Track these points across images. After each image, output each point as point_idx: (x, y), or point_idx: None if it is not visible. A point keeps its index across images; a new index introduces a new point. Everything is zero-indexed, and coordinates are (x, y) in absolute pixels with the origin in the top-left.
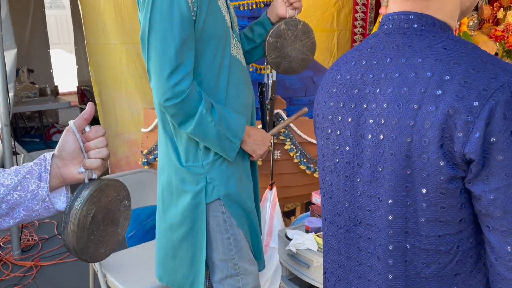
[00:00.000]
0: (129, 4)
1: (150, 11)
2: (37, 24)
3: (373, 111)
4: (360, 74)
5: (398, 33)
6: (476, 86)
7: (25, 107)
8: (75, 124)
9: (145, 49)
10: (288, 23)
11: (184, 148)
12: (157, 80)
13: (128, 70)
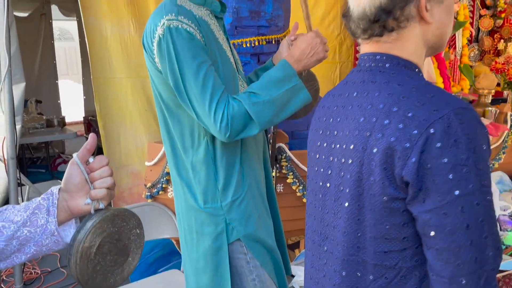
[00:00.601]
0: (135, 40)
1: (173, 59)
2: (46, 56)
3: (339, 137)
4: (335, 105)
5: (366, 71)
6: (418, 117)
7: (32, 138)
8: (78, 156)
9: (184, 96)
10: None
11: (202, 190)
12: (210, 123)
13: (133, 103)
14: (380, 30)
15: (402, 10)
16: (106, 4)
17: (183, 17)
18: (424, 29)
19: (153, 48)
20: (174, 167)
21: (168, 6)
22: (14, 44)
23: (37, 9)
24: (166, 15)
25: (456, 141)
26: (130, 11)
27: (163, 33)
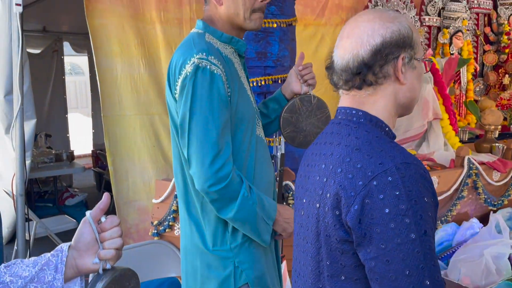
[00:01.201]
0: (145, 78)
1: (190, 98)
2: (57, 91)
3: (309, 181)
4: (312, 152)
5: (337, 123)
6: (365, 169)
7: (41, 173)
8: (91, 215)
9: (185, 135)
10: (302, 99)
11: (212, 232)
12: (199, 166)
13: (141, 139)
14: (360, 83)
15: (381, 67)
16: (117, 44)
17: (213, 57)
18: (397, 88)
19: (176, 83)
20: (184, 204)
21: (198, 43)
22: (26, 83)
23: (49, 46)
24: (197, 54)
25: (397, 194)
26: (140, 51)
27: (191, 71)
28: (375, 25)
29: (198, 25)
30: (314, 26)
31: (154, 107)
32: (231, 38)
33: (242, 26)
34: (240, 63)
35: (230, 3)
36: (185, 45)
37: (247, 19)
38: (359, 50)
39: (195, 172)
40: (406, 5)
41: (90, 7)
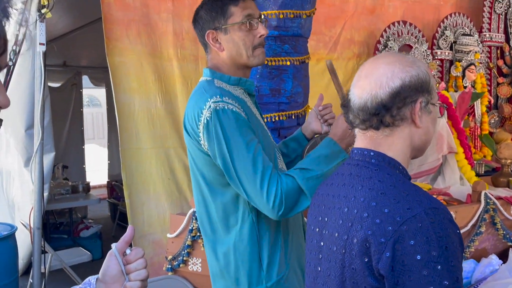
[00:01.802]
0: (161, 112)
1: (223, 140)
2: (75, 123)
3: (328, 224)
4: (327, 193)
5: (354, 164)
6: (393, 214)
7: (57, 205)
8: (117, 248)
9: (233, 177)
10: (323, 138)
11: (247, 272)
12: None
13: (157, 172)
14: (378, 123)
15: (399, 110)
16: (135, 80)
17: (227, 98)
18: (413, 131)
19: (198, 131)
20: (211, 250)
21: (209, 89)
22: (47, 117)
23: (69, 79)
24: (211, 98)
25: (428, 240)
26: (158, 87)
27: (210, 115)
28: (395, 68)
29: (206, 73)
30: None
31: (170, 141)
32: (239, 79)
33: (247, 65)
34: (251, 101)
35: (231, 46)
36: (197, 94)
37: (250, 57)
38: (378, 92)
39: (261, 208)
40: (418, 39)
41: (111, 45)
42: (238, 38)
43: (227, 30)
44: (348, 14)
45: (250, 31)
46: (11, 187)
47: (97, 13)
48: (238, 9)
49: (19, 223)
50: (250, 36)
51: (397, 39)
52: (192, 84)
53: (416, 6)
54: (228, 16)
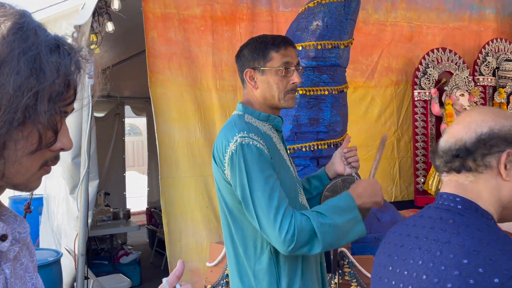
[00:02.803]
0: (200, 141)
1: (245, 172)
2: (116, 151)
3: (410, 265)
4: (408, 233)
5: (444, 209)
6: (500, 266)
7: (99, 231)
8: (168, 282)
9: (250, 209)
10: (345, 180)
11: None
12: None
13: (195, 200)
14: (459, 166)
15: (483, 156)
16: (176, 111)
17: (253, 134)
18: (500, 183)
19: (224, 162)
20: (236, 273)
21: (238, 124)
22: (92, 146)
23: (112, 109)
24: (239, 133)
25: None
26: (197, 116)
27: (235, 148)
28: (487, 117)
29: (238, 107)
30: (363, 89)
31: (208, 169)
32: (268, 116)
33: (277, 106)
34: (278, 137)
35: (265, 87)
36: (227, 127)
37: (281, 100)
38: (464, 135)
39: (272, 241)
40: (458, 66)
41: (153, 78)
42: (273, 81)
43: (264, 72)
44: (385, 42)
45: (285, 77)
46: (56, 214)
47: (140, 46)
48: (278, 56)
49: (64, 249)
50: (284, 81)
51: (436, 66)
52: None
53: (455, 32)
54: (268, 60)
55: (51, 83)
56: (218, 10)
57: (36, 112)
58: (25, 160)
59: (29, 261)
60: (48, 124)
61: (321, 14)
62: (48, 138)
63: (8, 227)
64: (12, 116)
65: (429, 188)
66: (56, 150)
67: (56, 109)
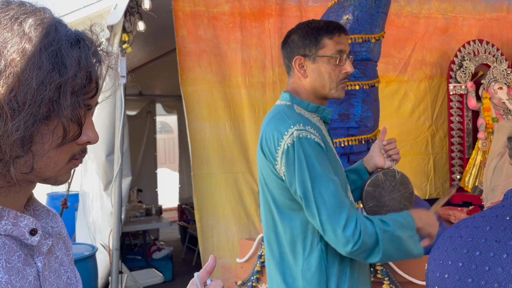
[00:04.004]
0: (230, 138)
1: (306, 168)
2: (148, 148)
3: (498, 275)
4: (483, 238)
5: None
6: None
7: (132, 227)
8: (198, 277)
9: (311, 206)
10: (386, 174)
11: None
12: (336, 234)
13: (226, 197)
14: None
15: None
16: (206, 108)
17: (309, 127)
18: None
19: (276, 156)
20: (278, 273)
21: (291, 115)
22: (125, 144)
23: (144, 108)
24: (294, 125)
25: None
26: (227, 114)
27: (292, 142)
28: None
29: (284, 97)
30: (396, 83)
31: (238, 166)
32: (317, 107)
33: (326, 96)
34: (326, 129)
35: (316, 76)
36: (278, 118)
37: (332, 90)
38: None
39: (333, 240)
40: (496, 58)
41: (184, 76)
42: (325, 70)
43: (316, 60)
44: (418, 35)
45: (337, 66)
46: (91, 210)
47: (171, 45)
48: (331, 43)
49: (99, 244)
50: (336, 70)
51: (473, 59)
52: (259, 110)
53: (493, 23)
54: (321, 47)
55: (72, 76)
56: (246, 7)
57: (59, 105)
58: (53, 154)
59: (64, 255)
60: (72, 117)
61: (351, 7)
62: (73, 131)
63: (39, 222)
64: (37, 109)
65: (466, 185)
66: (83, 144)
67: (79, 102)
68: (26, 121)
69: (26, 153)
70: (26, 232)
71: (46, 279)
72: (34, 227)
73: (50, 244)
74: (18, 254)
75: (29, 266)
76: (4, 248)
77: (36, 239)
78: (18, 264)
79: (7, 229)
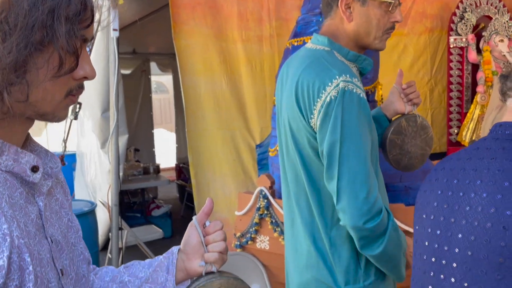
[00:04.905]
0: (226, 94)
1: (340, 126)
2: (144, 108)
3: (470, 199)
4: (462, 168)
5: (506, 139)
6: None
7: (131, 185)
8: (197, 219)
9: (334, 167)
10: (408, 119)
11: (344, 268)
12: (353, 202)
13: (223, 153)
14: None
15: None
16: (201, 63)
17: (356, 80)
18: None
19: (314, 108)
20: (309, 237)
21: (334, 63)
22: (121, 101)
23: (138, 66)
24: (340, 76)
25: None
26: (223, 68)
27: (336, 95)
28: None
29: (321, 41)
30: (396, 36)
31: (235, 123)
32: (358, 56)
33: (368, 46)
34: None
35: (363, 21)
36: (318, 65)
37: (376, 39)
38: None
39: (347, 208)
40: (498, 9)
41: (177, 29)
42: (374, 15)
43: (366, 3)
44: None
45: (388, 13)
46: (89, 169)
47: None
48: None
49: (98, 202)
50: (386, 17)
51: (474, 10)
52: (256, 65)
53: None
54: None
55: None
56: None
57: (54, 31)
58: (49, 86)
59: (64, 199)
60: (68, 47)
61: None
62: (69, 62)
63: (40, 161)
64: (29, 32)
65: (463, 139)
66: (79, 78)
67: (75, 30)
68: (18, 44)
69: (20, 79)
70: (27, 169)
71: (48, 219)
72: (35, 164)
73: (50, 185)
74: (20, 191)
75: (31, 204)
76: (6, 183)
77: (38, 176)
78: (20, 201)
79: (8, 165)
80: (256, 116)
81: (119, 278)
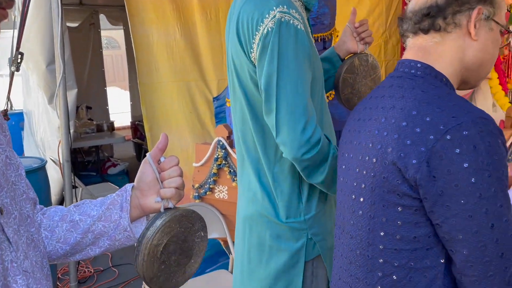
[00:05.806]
0: (181, 44)
1: (277, 59)
2: (95, 64)
3: (361, 135)
4: (365, 106)
5: (398, 76)
6: (436, 123)
7: (84, 143)
8: (151, 155)
9: (271, 100)
10: (361, 58)
11: (285, 203)
12: (291, 134)
13: (178, 106)
14: (428, 25)
15: (453, 14)
16: (152, 11)
17: (294, 11)
18: (467, 43)
19: (253, 42)
20: (255, 173)
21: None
22: (67, 52)
23: (86, 19)
24: (277, 7)
25: (475, 147)
26: (176, 17)
27: (273, 26)
28: None
29: None
30: None
31: (191, 74)
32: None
33: None
34: (306, 18)
35: None
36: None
37: None
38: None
39: (286, 141)
40: None
41: None
42: None
43: None
44: None
45: None
46: (38, 127)
47: None
48: None
49: (49, 159)
50: None
51: None
52: (211, 14)
53: None
54: None
55: None
56: None
57: None
58: None
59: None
60: None
61: None
62: None
63: None
64: None
65: None
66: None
67: None
68: None
69: None
70: None
71: None
72: None
73: None
74: None
75: None
76: None
77: None
78: None
79: None
80: (212, 67)
81: (69, 217)
